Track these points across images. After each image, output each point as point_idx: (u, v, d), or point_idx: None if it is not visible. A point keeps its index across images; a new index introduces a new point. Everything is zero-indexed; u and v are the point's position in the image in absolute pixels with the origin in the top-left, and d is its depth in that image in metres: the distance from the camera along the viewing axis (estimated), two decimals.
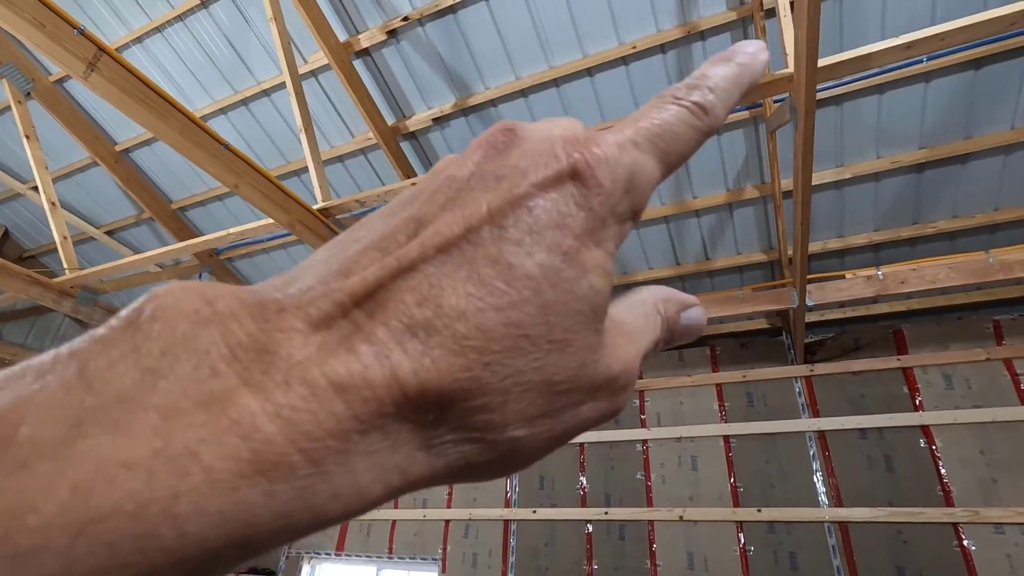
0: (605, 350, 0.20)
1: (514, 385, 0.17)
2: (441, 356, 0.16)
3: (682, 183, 4.35)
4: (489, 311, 0.17)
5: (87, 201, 5.72)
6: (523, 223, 0.18)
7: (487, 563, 5.09)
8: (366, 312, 0.16)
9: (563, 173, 0.19)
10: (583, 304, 0.18)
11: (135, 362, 0.14)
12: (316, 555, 5.94)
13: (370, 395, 0.15)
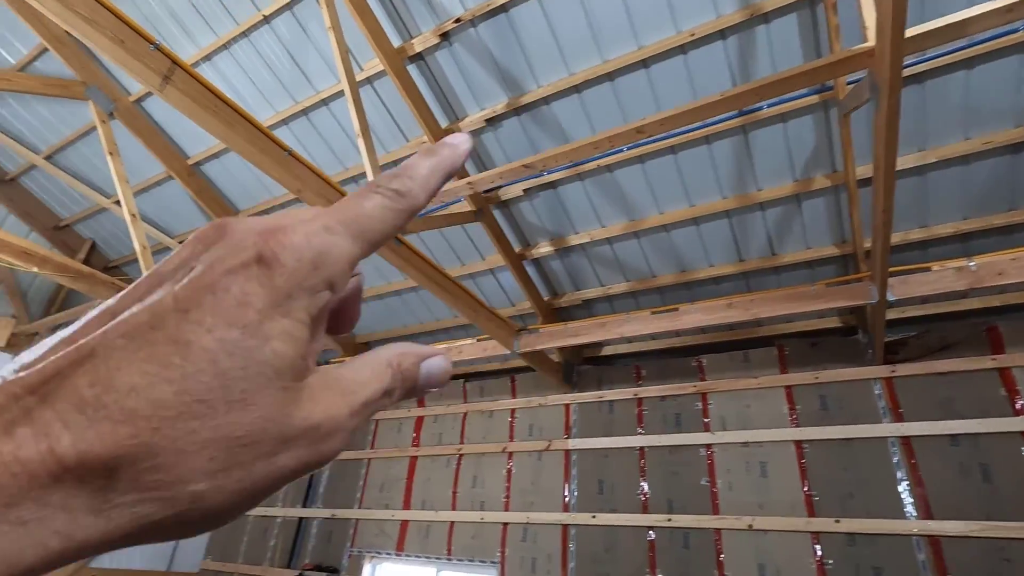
0: (302, 403, 0.22)
1: (190, 444, 0.19)
2: (107, 427, 0.18)
3: (745, 175, 4.16)
4: (161, 384, 0.19)
5: (163, 213, 6.07)
6: (207, 305, 0.21)
7: (546, 568, 5.02)
8: (39, 398, 0.19)
9: (249, 260, 0.22)
10: (265, 367, 0.21)
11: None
12: (377, 554, 6.03)
13: (20, 471, 0.17)
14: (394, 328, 6.57)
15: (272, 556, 6.75)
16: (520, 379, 6.12)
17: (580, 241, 4.90)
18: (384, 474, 6.48)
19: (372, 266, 5.86)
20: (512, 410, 5.99)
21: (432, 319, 6.27)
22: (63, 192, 6.35)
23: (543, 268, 5.32)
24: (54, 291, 6.45)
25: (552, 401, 5.76)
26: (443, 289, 4.03)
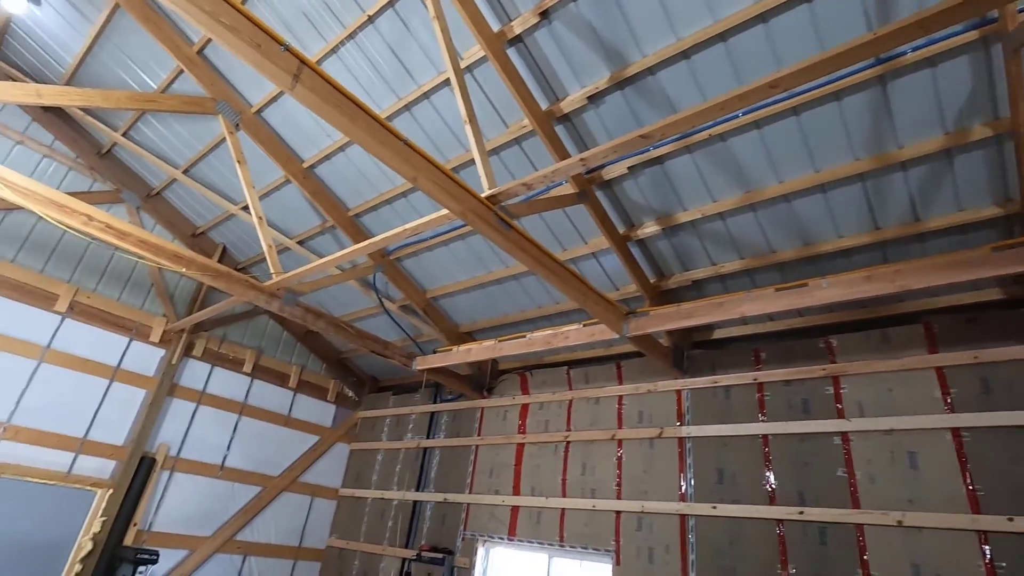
0: None
1: None
2: None
3: (882, 133, 3.72)
4: None
5: (283, 216, 6.53)
6: None
7: (664, 559, 4.85)
8: None
9: None
10: None
11: None
12: (490, 538, 6.15)
13: None
14: (494, 317, 6.63)
15: (390, 536, 7.11)
16: (626, 365, 5.96)
17: (689, 218, 4.65)
18: (492, 460, 6.59)
19: (473, 255, 5.95)
20: (619, 397, 5.85)
21: (533, 306, 6.26)
22: (197, 202, 7.02)
23: (649, 249, 5.12)
24: (195, 292, 7.18)
25: (662, 387, 5.54)
26: (552, 273, 3.98)
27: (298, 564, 7.42)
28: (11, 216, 5.93)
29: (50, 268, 6.10)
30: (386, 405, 8.33)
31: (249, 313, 7.75)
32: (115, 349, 6.38)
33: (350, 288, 7.11)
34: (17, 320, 5.74)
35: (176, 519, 6.53)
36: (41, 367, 5.80)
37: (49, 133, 6.34)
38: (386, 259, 6.30)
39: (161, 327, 6.74)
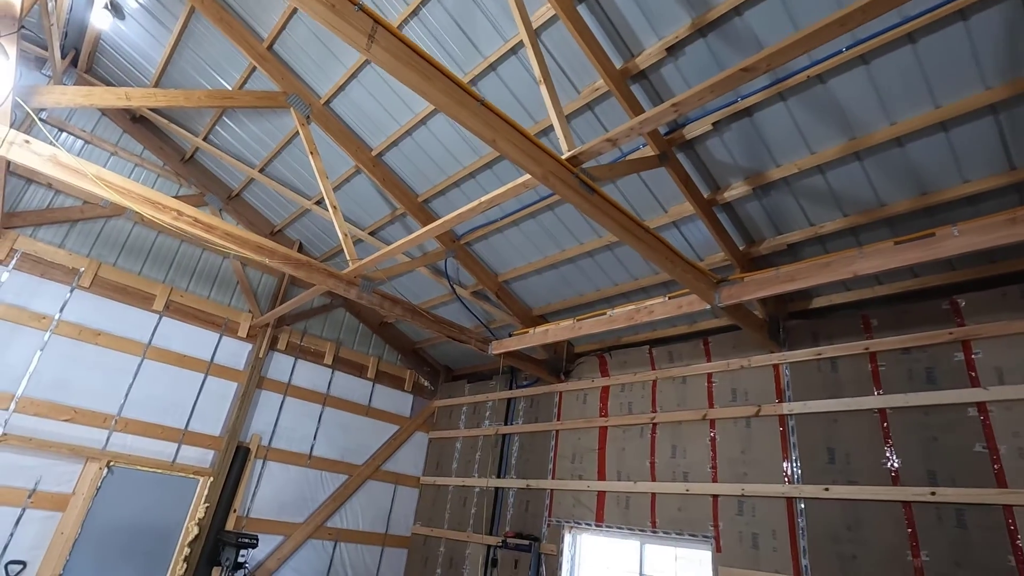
0: None
1: None
2: None
3: (1020, 52, 3.21)
4: None
5: (354, 207, 6.61)
6: None
7: (771, 545, 4.50)
8: None
9: None
10: None
11: None
12: (576, 524, 5.98)
13: None
14: (568, 298, 6.43)
15: (474, 523, 7.08)
16: (715, 341, 5.60)
17: (783, 174, 4.25)
18: (574, 445, 6.41)
19: (545, 234, 5.77)
20: (708, 375, 5.50)
21: (609, 284, 6.00)
22: (274, 200, 7.25)
23: (737, 213, 4.75)
24: (276, 289, 7.44)
25: (757, 362, 5.15)
26: (637, 239, 3.74)
27: (386, 550, 7.56)
28: (110, 223, 6.32)
29: (147, 270, 6.47)
30: (462, 393, 8.33)
31: (327, 307, 7.95)
32: (207, 344, 6.69)
33: (422, 278, 7.12)
34: (121, 320, 6.11)
35: (271, 506, 6.79)
36: (144, 363, 6.16)
37: (139, 143, 6.71)
38: (457, 243, 6.23)
39: (247, 322, 7.01)
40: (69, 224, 6.05)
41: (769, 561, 4.46)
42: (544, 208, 5.49)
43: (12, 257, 5.58)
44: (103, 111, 6.48)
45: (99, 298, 6.02)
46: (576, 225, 5.54)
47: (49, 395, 5.52)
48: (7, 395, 5.29)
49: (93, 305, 5.97)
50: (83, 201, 6.15)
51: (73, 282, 5.87)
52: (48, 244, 5.84)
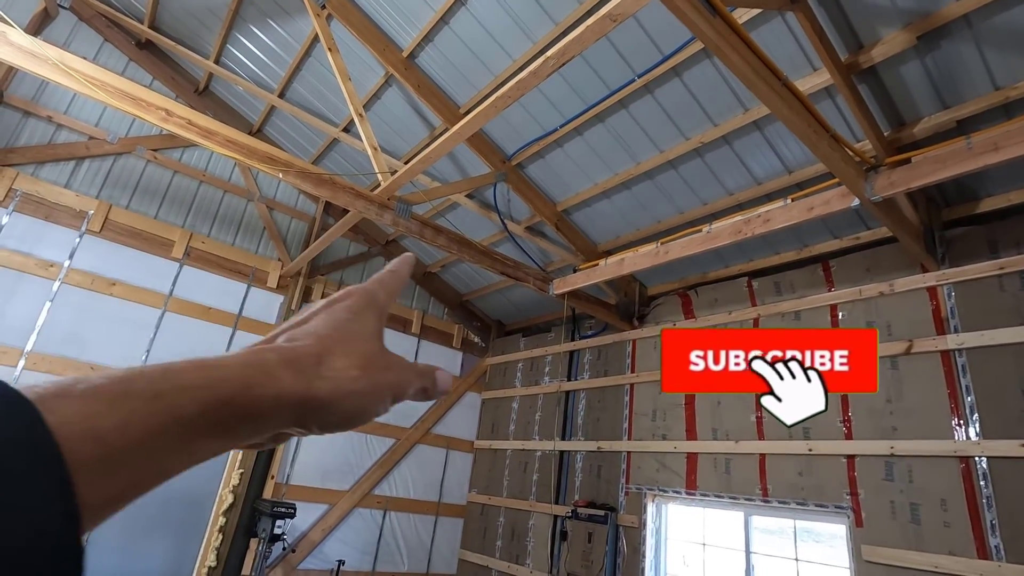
0: (390, 354, 0.41)
1: (350, 351, 0.38)
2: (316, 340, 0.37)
3: None
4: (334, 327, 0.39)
5: (385, 132, 5.68)
6: (337, 306, 0.41)
7: (939, 518, 3.41)
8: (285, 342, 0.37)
9: (343, 293, 0.43)
10: (370, 328, 0.41)
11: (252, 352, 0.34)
12: (662, 492, 5.03)
13: (283, 349, 0.36)
14: (645, 227, 5.33)
15: (537, 491, 6.25)
16: (839, 264, 4.43)
17: (965, 9, 3.01)
18: (653, 400, 5.41)
19: (617, 143, 4.68)
20: (832, 306, 4.36)
21: (696, 203, 4.87)
22: (298, 134, 6.43)
23: (884, 83, 3.53)
24: (307, 233, 6.68)
25: (904, 286, 3.98)
26: (772, 91, 2.62)
27: (440, 520, 6.85)
28: (120, 161, 5.64)
29: (163, 214, 5.79)
30: (516, 348, 7.43)
31: (364, 255, 7.15)
32: (235, 296, 6.01)
33: (468, 216, 6.17)
34: (138, 268, 5.47)
35: (313, 473, 6.15)
36: (165, 316, 5.52)
37: (147, 73, 5.98)
38: (507, 165, 5.23)
39: (277, 271, 6.29)
40: (74, 162, 5.39)
41: (939, 539, 3.37)
42: (615, 107, 4.39)
43: (12, 198, 4.96)
44: (105, 36, 5.74)
45: (112, 244, 5.38)
46: (656, 126, 4.43)
47: (62, 351, 4.94)
48: (15, 351, 4.74)
49: (106, 251, 5.33)
50: (88, 136, 5.47)
51: (82, 226, 5.24)
52: (52, 184, 5.20)
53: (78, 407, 0.25)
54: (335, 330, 0.38)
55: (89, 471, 0.24)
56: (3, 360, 4.67)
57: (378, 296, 0.43)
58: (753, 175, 4.42)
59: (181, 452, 0.29)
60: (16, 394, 0.24)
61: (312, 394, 0.34)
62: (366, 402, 0.37)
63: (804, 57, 3.54)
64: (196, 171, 6.05)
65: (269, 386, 0.32)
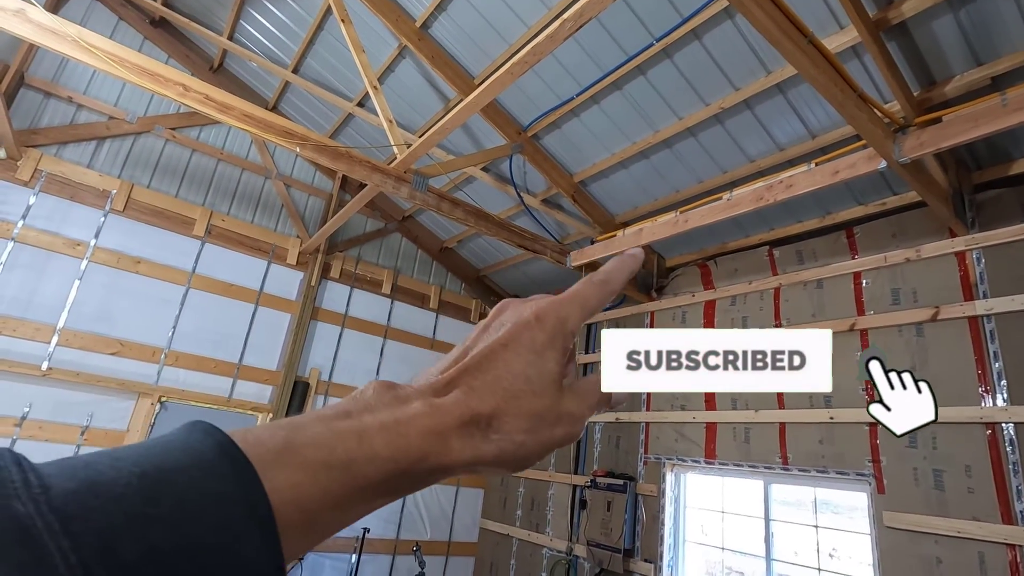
0: (565, 400, 0.39)
1: (519, 413, 0.36)
2: (485, 397, 0.36)
3: None
4: (506, 380, 0.37)
5: (401, 106, 5.64)
6: (516, 342, 0.38)
7: (963, 484, 3.38)
8: (449, 387, 0.36)
9: (531, 319, 0.39)
10: (548, 376, 0.38)
11: (366, 400, 0.34)
12: (681, 462, 5.06)
13: (455, 411, 0.35)
14: (662, 197, 5.26)
15: (556, 462, 6.33)
16: (863, 231, 4.34)
17: None
18: None
19: (634, 110, 4.60)
20: (856, 274, 4.28)
21: (716, 172, 4.78)
22: (313, 110, 6.42)
23: (914, 39, 3.39)
24: (324, 210, 6.72)
25: (931, 251, 3.89)
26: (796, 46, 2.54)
27: (460, 491, 7.00)
28: (140, 141, 5.70)
29: (183, 192, 5.86)
30: None
31: (381, 231, 7.19)
32: (255, 273, 6.09)
33: (484, 189, 6.13)
34: (161, 246, 5.57)
35: None
36: (189, 293, 5.63)
37: (162, 51, 5.99)
38: (523, 136, 5.18)
39: (296, 248, 6.36)
40: (96, 142, 5.46)
41: (962, 504, 3.36)
42: (632, 73, 4.30)
43: (38, 179, 5.06)
44: (120, 15, 5.75)
45: (135, 223, 5.47)
46: (674, 92, 4.33)
47: (92, 327, 5.08)
48: (48, 327, 4.88)
49: (129, 230, 5.43)
50: (108, 116, 5.53)
51: (106, 205, 5.33)
52: (75, 164, 5.28)
53: (288, 476, 0.28)
54: (513, 381, 0.37)
55: (290, 533, 0.27)
56: (38, 336, 4.81)
57: (569, 322, 0.40)
58: (775, 141, 4.31)
59: (360, 511, 0.32)
60: (244, 460, 0.27)
61: (478, 459, 0.35)
62: (531, 460, 0.38)
63: (830, 14, 3.41)
64: (214, 149, 6.09)
65: (443, 456, 0.34)
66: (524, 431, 0.36)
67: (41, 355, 4.79)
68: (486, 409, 0.35)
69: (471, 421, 0.35)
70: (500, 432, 0.35)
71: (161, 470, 0.24)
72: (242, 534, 0.25)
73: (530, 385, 0.37)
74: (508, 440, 0.36)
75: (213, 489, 0.25)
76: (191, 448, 0.26)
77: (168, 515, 0.23)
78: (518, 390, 0.36)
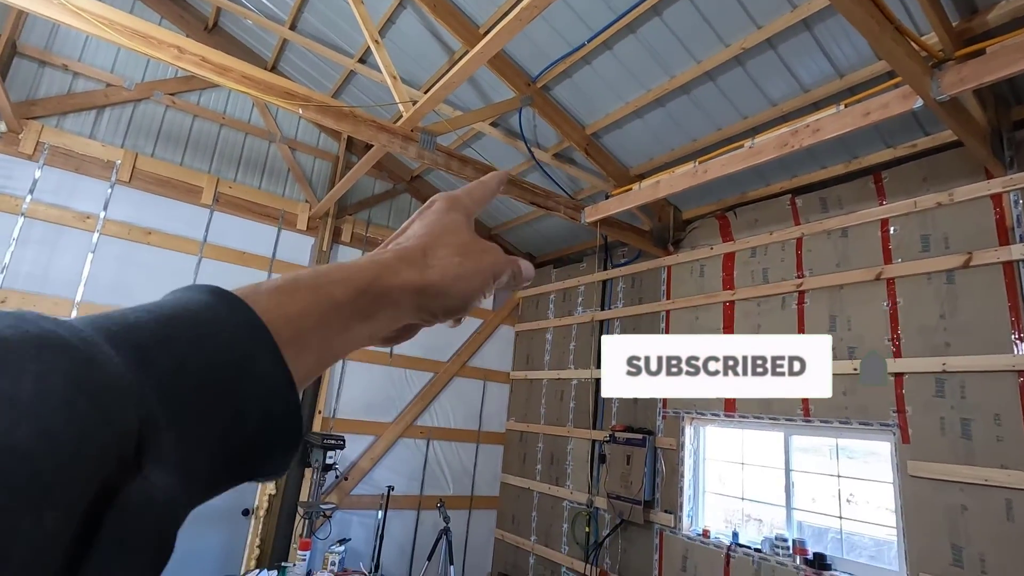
0: (480, 240, 0.46)
1: (447, 243, 0.43)
2: (413, 241, 0.43)
3: None
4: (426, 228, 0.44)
5: (404, 60, 5.41)
6: (426, 212, 0.47)
7: (992, 432, 3.33)
8: (407, 261, 0.41)
9: (438, 198, 0.48)
10: (463, 222, 0.47)
11: (373, 256, 0.40)
12: (700, 416, 5.06)
13: (392, 251, 0.41)
14: (679, 147, 5.06)
15: (574, 417, 6.39)
16: (892, 175, 4.15)
17: None
18: (690, 326, 5.35)
19: (649, 55, 4.36)
20: (883, 220, 4.12)
21: (736, 118, 4.56)
22: (314, 69, 6.20)
23: None
24: (331, 173, 6.60)
25: (965, 194, 3.71)
26: None
27: (480, 447, 7.12)
28: (140, 108, 5.57)
29: (188, 160, 5.76)
30: (548, 280, 7.38)
31: (390, 192, 7.07)
32: (267, 240, 6.05)
33: (494, 146, 5.95)
34: (170, 216, 5.53)
35: (358, 407, 6.39)
36: (202, 262, 5.62)
37: (155, 12, 5.76)
38: (533, 87, 4.96)
39: (305, 213, 6.28)
40: (96, 111, 5.34)
41: (991, 453, 3.31)
42: (647, 14, 4.05)
43: (41, 152, 4.98)
44: None
45: (142, 193, 5.41)
46: (692, 33, 4.09)
47: (110, 299, 5.10)
48: (66, 302, 4.91)
49: (137, 201, 5.38)
50: (105, 84, 5.39)
51: (111, 176, 5.26)
52: (77, 135, 5.19)
53: (270, 299, 0.32)
54: (431, 228, 0.44)
55: (288, 348, 0.30)
56: (57, 311, 4.85)
57: (462, 199, 0.49)
58: (800, 82, 4.08)
59: (342, 334, 0.35)
60: (231, 294, 0.30)
61: (426, 280, 0.40)
62: (473, 283, 0.43)
63: None
64: (215, 114, 5.94)
65: (392, 277, 0.38)
66: (458, 255, 0.42)
67: None
68: (416, 245, 0.42)
69: (405, 255, 0.40)
70: (438, 258, 0.41)
71: (170, 308, 0.28)
72: (251, 351, 0.28)
73: (449, 228, 0.44)
74: (447, 262, 0.41)
75: (216, 316, 0.28)
76: (185, 296, 0.29)
77: (187, 336, 0.27)
78: (441, 230, 0.44)
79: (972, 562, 3.26)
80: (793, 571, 4.04)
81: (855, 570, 3.84)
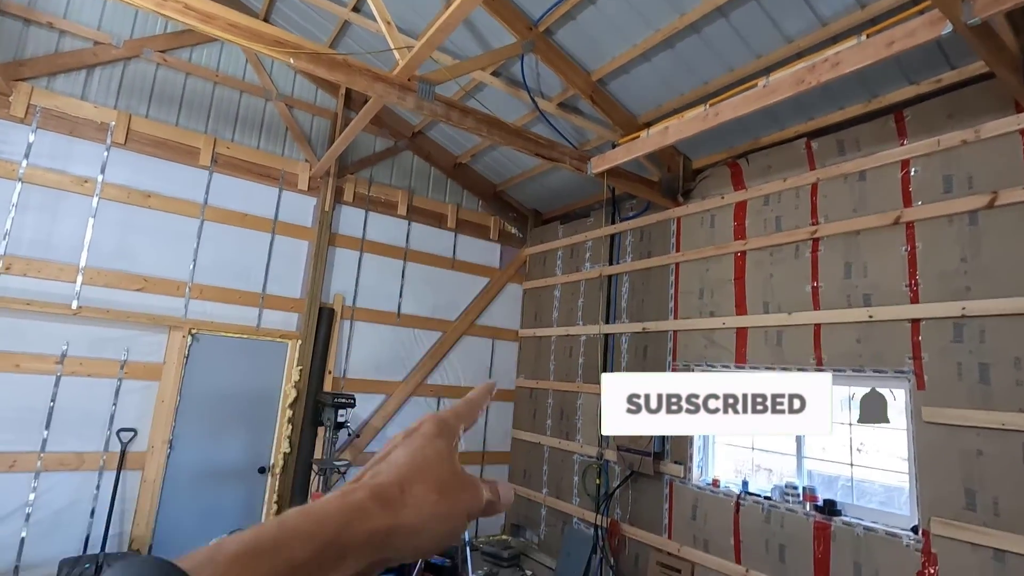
0: (465, 475, 0.45)
1: (425, 478, 0.42)
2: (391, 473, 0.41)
3: None
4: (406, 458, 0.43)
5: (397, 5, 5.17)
6: (410, 438, 0.45)
7: (1011, 377, 3.25)
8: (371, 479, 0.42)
9: (425, 420, 0.48)
10: (444, 453, 0.45)
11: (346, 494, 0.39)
12: (710, 367, 5.02)
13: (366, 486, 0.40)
14: (690, 91, 4.84)
15: (584, 373, 6.39)
16: (914, 113, 3.94)
17: None
18: (700, 278, 5.25)
19: None
20: (904, 161, 3.94)
21: (750, 57, 4.33)
22: (308, 21, 5.96)
23: None
24: (330, 131, 6.43)
25: (992, 131, 3.52)
26: None
27: (491, 404, 7.17)
28: (130, 67, 5.41)
29: (184, 120, 5.63)
30: (555, 236, 7.27)
31: (392, 150, 6.90)
32: (268, 201, 5.96)
33: (496, 97, 5.74)
34: (169, 178, 5.44)
35: (368, 366, 6.43)
36: (204, 225, 5.56)
37: None
38: (534, 32, 4.73)
39: (306, 173, 6.16)
40: (85, 71, 5.19)
41: (1009, 397, 3.24)
42: None
43: (33, 115, 4.87)
44: None
45: (139, 155, 5.31)
46: None
47: (114, 264, 5.09)
48: (71, 267, 4.90)
49: (135, 164, 5.28)
50: (93, 42, 5.21)
51: (106, 139, 5.15)
52: (69, 97, 5.06)
53: (214, 571, 0.30)
54: (413, 459, 0.43)
55: None
56: (63, 276, 4.84)
57: (449, 422, 0.48)
58: (817, 14, 3.84)
59: None
60: (176, 568, 0.29)
61: (400, 522, 0.38)
62: (447, 524, 0.41)
63: None
64: (208, 71, 5.76)
65: (363, 522, 0.37)
66: (436, 492, 0.41)
67: (69, 294, 4.85)
68: (392, 479, 0.40)
69: (380, 492, 0.39)
70: (415, 497, 0.40)
71: None
72: None
73: (431, 460, 0.43)
74: (424, 500, 0.40)
75: None
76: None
77: None
78: (422, 462, 0.43)
79: (985, 506, 3.24)
80: (803, 517, 4.07)
81: (865, 515, 3.85)
